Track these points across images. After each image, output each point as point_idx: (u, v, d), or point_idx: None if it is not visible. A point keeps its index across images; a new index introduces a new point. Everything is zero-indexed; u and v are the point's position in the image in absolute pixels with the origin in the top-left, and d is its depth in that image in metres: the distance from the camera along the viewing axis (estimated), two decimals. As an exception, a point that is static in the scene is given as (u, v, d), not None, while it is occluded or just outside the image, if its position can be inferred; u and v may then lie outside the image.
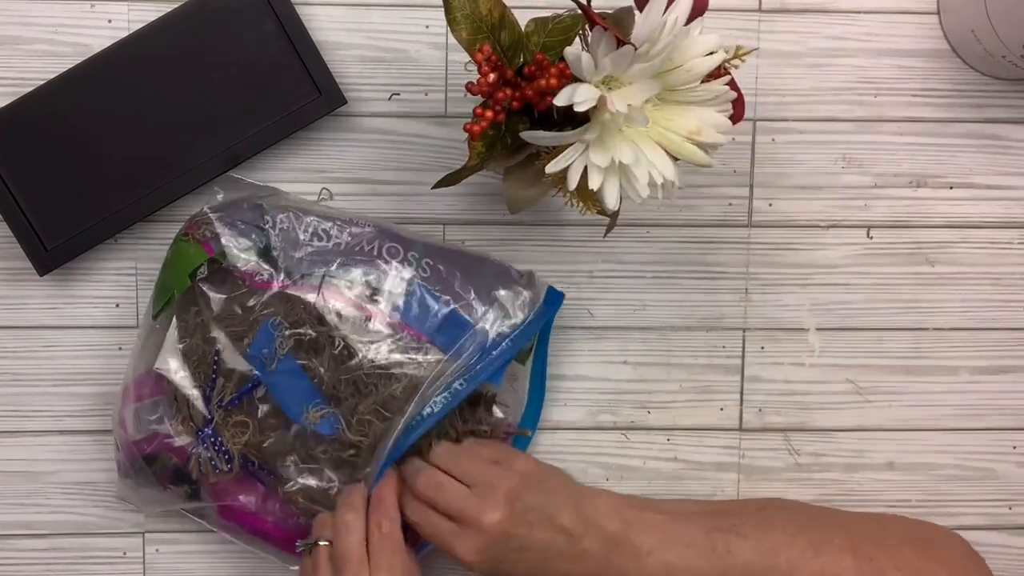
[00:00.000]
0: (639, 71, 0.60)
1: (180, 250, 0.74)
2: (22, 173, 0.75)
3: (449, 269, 0.76)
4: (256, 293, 0.74)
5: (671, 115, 0.63)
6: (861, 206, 0.81)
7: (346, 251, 0.75)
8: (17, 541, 0.81)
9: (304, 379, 0.74)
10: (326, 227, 0.75)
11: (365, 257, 0.75)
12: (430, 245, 0.77)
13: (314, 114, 0.76)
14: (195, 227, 0.74)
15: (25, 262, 0.76)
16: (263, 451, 0.74)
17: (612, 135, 0.61)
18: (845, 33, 0.80)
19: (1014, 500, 0.84)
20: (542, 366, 0.80)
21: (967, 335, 0.82)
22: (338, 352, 0.73)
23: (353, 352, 0.73)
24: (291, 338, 0.73)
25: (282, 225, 0.75)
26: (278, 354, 0.73)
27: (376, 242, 0.75)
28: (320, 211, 0.76)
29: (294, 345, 0.74)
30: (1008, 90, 0.80)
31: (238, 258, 0.74)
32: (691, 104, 0.63)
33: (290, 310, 0.74)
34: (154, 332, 0.75)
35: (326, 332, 0.73)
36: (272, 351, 0.73)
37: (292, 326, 0.74)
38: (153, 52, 0.75)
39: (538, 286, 0.77)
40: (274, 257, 0.74)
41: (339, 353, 0.73)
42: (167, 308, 0.74)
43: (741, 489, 0.83)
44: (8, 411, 0.80)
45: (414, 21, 0.78)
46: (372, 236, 0.75)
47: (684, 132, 0.63)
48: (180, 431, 0.75)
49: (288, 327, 0.73)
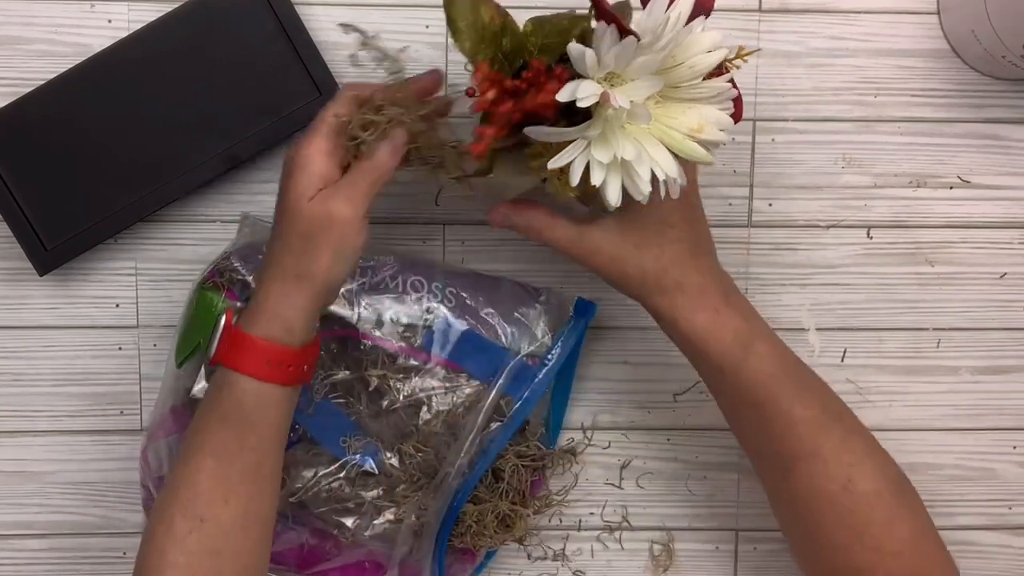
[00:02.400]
0: (641, 66, 0.60)
1: (204, 299, 0.73)
2: (22, 173, 0.75)
3: (472, 295, 0.76)
4: None
5: (673, 112, 0.63)
6: (861, 206, 0.81)
7: (371, 289, 0.74)
8: (17, 541, 0.81)
9: (343, 416, 0.74)
10: None
11: (392, 293, 0.74)
12: (450, 272, 0.77)
13: (314, 114, 0.76)
14: (217, 274, 0.74)
15: (25, 262, 0.76)
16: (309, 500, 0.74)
17: (614, 132, 0.61)
18: (845, 33, 0.80)
19: (1014, 500, 0.84)
20: (569, 377, 0.80)
21: (967, 335, 0.82)
22: (372, 391, 0.73)
23: (388, 390, 0.73)
24: (325, 382, 0.74)
25: None
26: (314, 399, 0.74)
27: (400, 277, 0.75)
28: None
29: (329, 388, 0.74)
30: (1008, 90, 0.80)
31: None
32: (693, 101, 0.63)
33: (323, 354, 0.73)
34: (179, 379, 0.75)
35: (359, 372, 0.73)
36: (308, 397, 0.73)
37: (325, 369, 0.74)
38: (153, 52, 0.75)
39: (559, 300, 0.78)
40: None
41: (373, 392, 0.74)
42: (192, 357, 0.74)
43: (741, 489, 0.83)
44: (8, 411, 0.80)
45: (414, 21, 0.78)
46: (395, 271, 0.75)
47: (686, 129, 0.63)
48: None
49: (322, 371, 0.74)
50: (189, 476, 0.63)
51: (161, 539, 0.63)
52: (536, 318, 0.76)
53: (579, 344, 0.78)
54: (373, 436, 0.74)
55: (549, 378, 0.75)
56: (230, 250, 0.75)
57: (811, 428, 0.67)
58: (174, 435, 0.75)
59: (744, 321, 0.67)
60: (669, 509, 0.83)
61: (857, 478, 0.66)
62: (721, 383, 0.68)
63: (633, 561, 0.83)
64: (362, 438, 0.74)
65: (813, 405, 0.67)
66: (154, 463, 0.75)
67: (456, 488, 0.74)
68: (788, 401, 0.66)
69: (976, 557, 0.84)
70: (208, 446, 0.64)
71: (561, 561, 0.83)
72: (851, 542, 0.66)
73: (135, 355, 0.80)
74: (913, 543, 0.67)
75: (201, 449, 0.64)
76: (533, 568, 0.83)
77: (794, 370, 0.68)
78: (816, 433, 0.67)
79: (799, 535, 0.70)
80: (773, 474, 0.69)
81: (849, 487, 0.66)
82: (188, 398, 0.75)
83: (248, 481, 0.64)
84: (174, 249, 0.79)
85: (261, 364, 0.64)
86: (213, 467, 0.63)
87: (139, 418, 0.80)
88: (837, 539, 0.67)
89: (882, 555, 0.66)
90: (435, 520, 0.74)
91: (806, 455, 0.66)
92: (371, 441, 0.74)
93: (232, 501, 0.63)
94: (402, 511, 0.74)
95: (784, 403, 0.66)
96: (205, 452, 0.64)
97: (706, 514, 0.83)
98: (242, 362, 0.63)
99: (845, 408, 0.69)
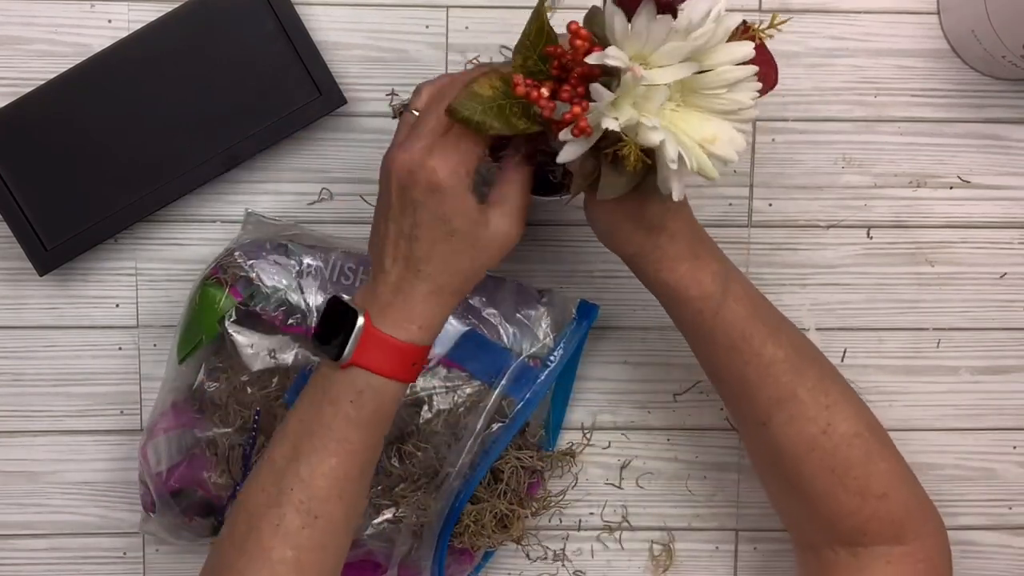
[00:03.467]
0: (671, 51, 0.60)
1: (206, 295, 0.73)
2: (22, 173, 0.75)
3: (475, 296, 0.76)
4: (288, 338, 0.73)
5: (690, 119, 0.63)
6: (861, 206, 0.81)
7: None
8: (17, 541, 0.81)
9: None
10: (351, 265, 0.75)
11: None
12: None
13: (314, 114, 0.76)
14: (220, 270, 0.74)
15: (25, 262, 0.76)
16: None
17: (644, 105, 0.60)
18: (845, 33, 0.80)
19: (1014, 500, 0.84)
20: (569, 379, 0.80)
21: (967, 335, 0.82)
22: None
23: None
24: None
25: (309, 268, 0.74)
26: None
27: None
28: (343, 246, 0.76)
29: None
30: (1008, 90, 0.80)
31: (268, 301, 0.73)
32: (712, 112, 0.63)
33: None
34: (181, 374, 0.75)
35: None
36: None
37: None
38: (153, 52, 0.75)
39: (561, 302, 0.78)
40: (305, 299, 0.74)
41: None
42: (193, 353, 0.74)
43: (741, 489, 0.83)
44: (8, 411, 0.80)
45: (414, 21, 0.78)
46: None
47: (699, 137, 0.63)
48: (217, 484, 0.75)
49: None
50: (305, 476, 0.63)
51: (269, 536, 0.62)
52: (538, 319, 0.76)
53: (581, 346, 0.78)
54: None
55: (551, 379, 0.75)
56: (233, 246, 0.75)
57: (787, 369, 0.67)
58: (174, 432, 0.75)
59: (719, 263, 0.67)
60: (669, 509, 0.83)
61: (836, 420, 0.67)
62: (699, 327, 0.67)
63: (633, 561, 0.83)
64: None
65: (786, 344, 0.67)
66: (153, 459, 0.75)
67: (458, 488, 0.74)
68: (761, 341, 0.67)
69: (976, 557, 0.84)
70: (333, 447, 0.63)
71: (561, 561, 0.83)
72: (833, 486, 0.67)
73: (135, 355, 0.80)
74: (896, 485, 0.68)
75: (324, 450, 0.63)
76: (533, 568, 0.83)
77: (765, 309, 0.68)
78: (791, 375, 0.67)
79: (783, 490, 0.70)
80: (754, 426, 0.69)
81: (828, 430, 0.67)
82: (190, 393, 0.75)
83: (362, 478, 0.65)
84: (174, 249, 0.79)
85: (408, 367, 0.63)
86: (336, 467, 0.63)
87: (139, 418, 0.80)
88: (819, 486, 0.67)
89: (866, 498, 0.66)
90: (436, 520, 0.74)
91: (784, 398, 0.67)
92: None
93: (345, 497, 0.64)
94: (401, 511, 0.74)
95: (757, 343, 0.66)
96: (329, 453, 0.63)
97: (706, 514, 0.83)
98: (388, 367, 0.63)
99: (815, 348, 0.70)
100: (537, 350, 0.76)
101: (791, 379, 0.67)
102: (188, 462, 0.75)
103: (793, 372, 0.67)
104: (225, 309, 0.72)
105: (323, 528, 0.63)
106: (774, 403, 0.67)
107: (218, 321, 0.73)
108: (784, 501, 0.71)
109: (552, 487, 0.82)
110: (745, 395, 0.68)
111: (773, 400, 0.67)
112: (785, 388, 0.67)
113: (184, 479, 0.75)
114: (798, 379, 0.67)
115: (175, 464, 0.75)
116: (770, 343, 0.67)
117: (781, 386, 0.67)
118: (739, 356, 0.67)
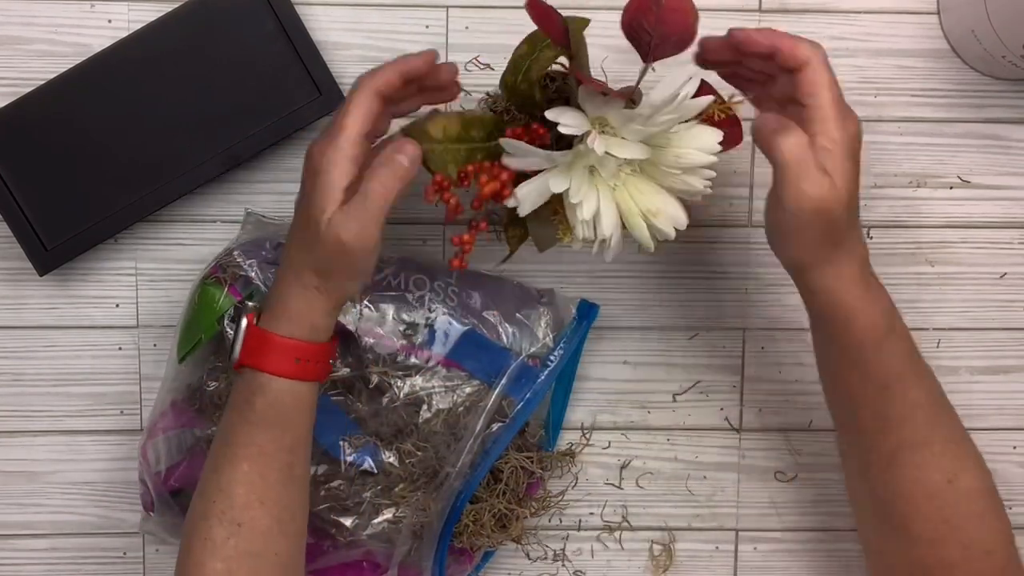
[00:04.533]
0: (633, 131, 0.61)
1: (206, 294, 0.73)
2: (22, 173, 0.75)
3: (474, 295, 0.76)
4: None
5: (641, 187, 0.65)
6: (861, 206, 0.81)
7: (374, 286, 0.74)
8: (17, 541, 0.81)
9: (341, 414, 0.74)
10: None
11: (393, 292, 0.74)
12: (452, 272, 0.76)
13: (314, 114, 0.76)
14: (219, 269, 0.74)
15: (25, 262, 0.76)
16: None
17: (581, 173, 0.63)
18: (845, 33, 0.80)
19: (1014, 500, 0.84)
20: (569, 379, 0.80)
21: (967, 335, 0.82)
22: (373, 388, 0.73)
23: (388, 387, 0.73)
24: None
25: None
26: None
27: (402, 275, 0.75)
28: None
29: (329, 385, 0.74)
30: (1008, 90, 0.80)
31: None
32: (663, 188, 0.65)
33: None
34: (180, 374, 0.75)
35: (360, 370, 0.73)
36: None
37: None
38: (153, 52, 0.75)
39: (561, 302, 0.78)
40: None
41: (374, 389, 0.73)
42: (193, 352, 0.74)
43: (741, 489, 0.83)
44: (8, 411, 0.80)
45: (414, 21, 0.78)
46: (396, 269, 0.75)
47: (644, 207, 0.65)
48: None
49: None
50: (223, 486, 0.63)
51: (199, 551, 0.63)
52: (538, 319, 0.76)
53: (581, 346, 0.78)
54: (372, 434, 0.74)
55: (551, 379, 0.75)
56: (233, 245, 0.75)
57: (928, 416, 0.66)
58: (173, 431, 0.75)
59: (888, 298, 0.66)
60: (669, 509, 0.83)
61: (962, 474, 0.66)
62: (857, 356, 0.66)
63: (633, 561, 0.83)
64: (361, 436, 0.74)
65: (933, 391, 0.67)
66: (152, 458, 0.75)
67: (458, 489, 0.74)
68: (912, 383, 0.66)
69: (976, 557, 0.84)
70: (241, 452, 0.64)
71: (561, 561, 0.83)
72: (945, 536, 0.66)
73: (135, 355, 0.80)
74: (1004, 544, 0.67)
75: (234, 457, 0.64)
76: (533, 568, 0.83)
77: (918, 351, 0.68)
78: (932, 422, 0.66)
79: (885, 525, 0.69)
80: (875, 463, 0.67)
81: (954, 481, 0.66)
82: (189, 392, 0.75)
83: (283, 482, 0.64)
84: (174, 249, 0.79)
85: (290, 362, 0.63)
86: (248, 471, 0.63)
87: (139, 418, 0.80)
88: (931, 532, 0.66)
89: (972, 552, 0.66)
90: (436, 521, 0.74)
91: (918, 443, 0.66)
92: (370, 440, 0.74)
93: (268, 503, 0.63)
94: (401, 511, 0.74)
95: (909, 384, 0.66)
96: (239, 459, 0.64)
97: (706, 514, 0.83)
98: (271, 362, 0.63)
99: (949, 402, 0.69)
100: (537, 350, 0.76)
101: (930, 425, 0.66)
102: (188, 462, 0.75)
103: (933, 419, 0.67)
104: (224, 308, 0.73)
105: (248, 536, 0.63)
106: (907, 446, 0.66)
107: (217, 320, 0.73)
108: (882, 540, 0.70)
109: (552, 487, 0.82)
110: (880, 432, 0.67)
111: (907, 443, 0.66)
112: (921, 433, 0.66)
113: (184, 479, 0.75)
114: (936, 427, 0.67)
115: (175, 464, 0.75)
116: (919, 386, 0.66)
117: (918, 431, 0.66)
118: (888, 394, 0.66)
